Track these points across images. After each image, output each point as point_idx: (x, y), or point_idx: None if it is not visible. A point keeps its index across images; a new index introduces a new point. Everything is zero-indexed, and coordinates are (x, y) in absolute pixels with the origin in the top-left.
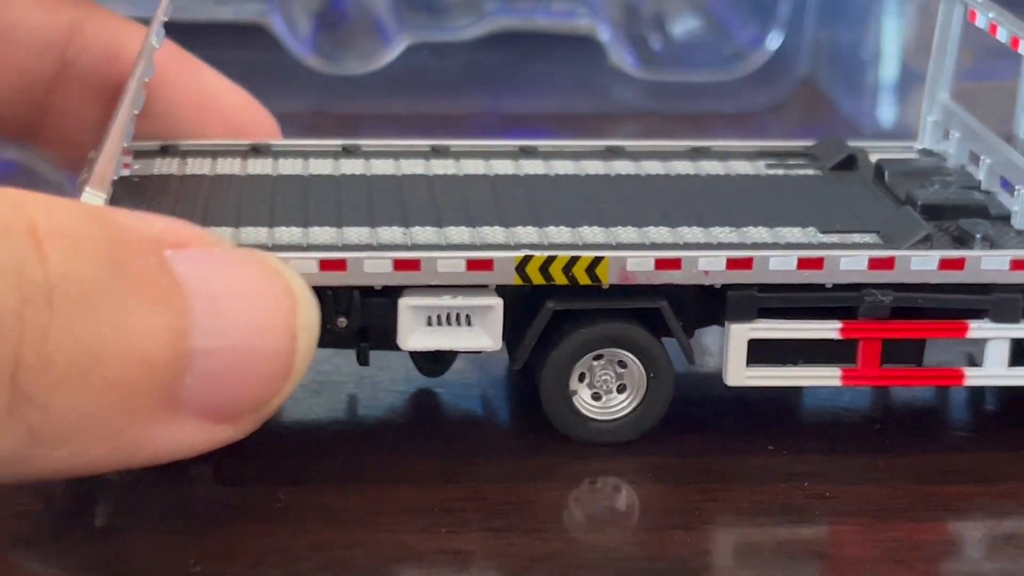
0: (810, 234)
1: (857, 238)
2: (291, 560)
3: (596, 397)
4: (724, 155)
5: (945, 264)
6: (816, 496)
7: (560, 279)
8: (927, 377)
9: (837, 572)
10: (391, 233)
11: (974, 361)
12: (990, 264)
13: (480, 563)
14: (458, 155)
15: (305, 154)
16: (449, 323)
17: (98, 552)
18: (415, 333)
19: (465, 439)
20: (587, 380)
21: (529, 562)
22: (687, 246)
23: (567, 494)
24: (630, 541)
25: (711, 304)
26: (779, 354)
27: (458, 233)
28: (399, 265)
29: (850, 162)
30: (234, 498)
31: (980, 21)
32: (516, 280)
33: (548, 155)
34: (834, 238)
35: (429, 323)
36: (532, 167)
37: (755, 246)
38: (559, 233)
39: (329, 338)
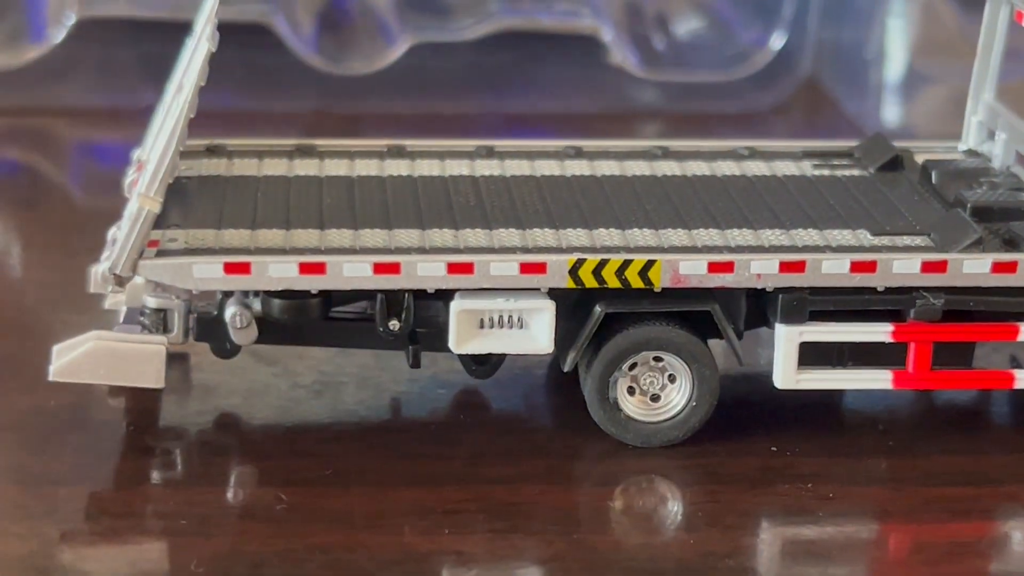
0: (861, 237)
1: (908, 241)
2: (293, 562)
3: (641, 397)
4: (769, 156)
5: (998, 267)
6: (819, 497)
7: (613, 282)
8: (978, 379)
9: (840, 572)
10: (441, 236)
11: (1019, 364)
12: None
13: (483, 565)
14: (503, 155)
15: (351, 154)
16: (501, 326)
17: (100, 553)
18: (468, 336)
19: (469, 441)
20: (634, 381)
21: (532, 564)
22: (738, 249)
23: (571, 496)
24: (633, 543)
25: (760, 306)
26: (829, 357)
27: (508, 236)
28: (452, 268)
29: (896, 163)
30: (236, 499)
31: None
32: (569, 283)
33: (593, 156)
34: (885, 241)
35: (481, 326)
36: (577, 168)
37: (806, 249)
38: (609, 235)
39: (379, 341)
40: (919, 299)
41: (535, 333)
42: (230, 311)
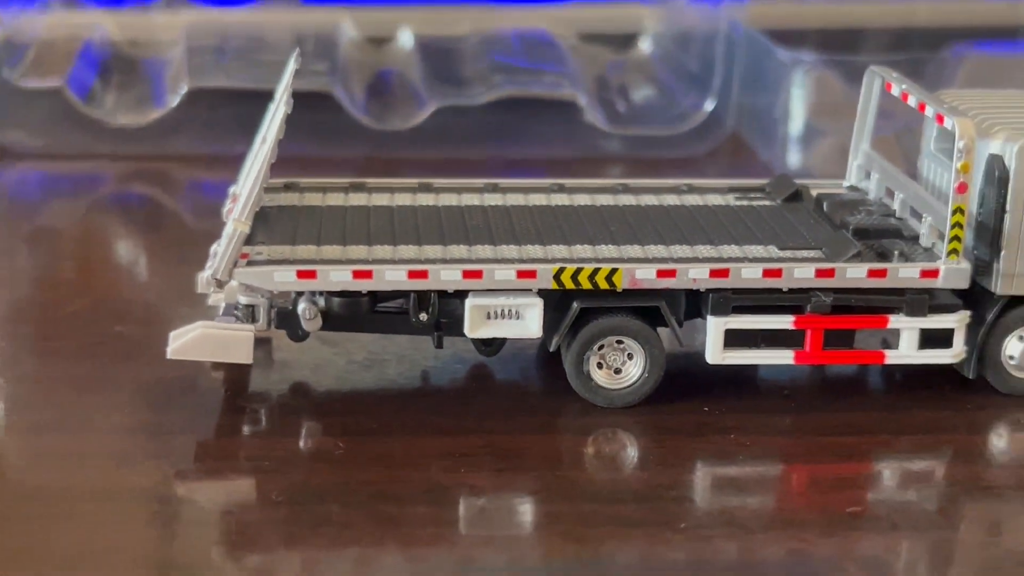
0: (770, 251)
1: (805, 254)
2: (348, 492)
3: (607, 371)
4: (702, 190)
5: (872, 273)
6: (739, 445)
7: (586, 285)
8: (858, 357)
9: (753, 500)
10: (458, 250)
11: (889, 345)
12: (905, 273)
13: (489, 494)
14: (505, 190)
15: (392, 189)
16: (503, 317)
17: (204, 486)
18: (478, 324)
19: (478, 402)
20: (601, 358)
21: (526, 494)
22: (679, 260)
23: (555, 443)
24: (601, 478)
25: (696, 303)
26: (747, 340)
27: (508, 250)
28: (467, 275)
29: (797, 195)
30: (305, 446)
31: (895, 91)
32: (553, 285)
33: (571, 190)
34: (788, 253)
35: (488, 317)
36: (559, 200)
37: (730, 259)
38: (583, 250)
39: (412, 328)
40: (814, 297)
41: (528, 323)
42: (301, 306)
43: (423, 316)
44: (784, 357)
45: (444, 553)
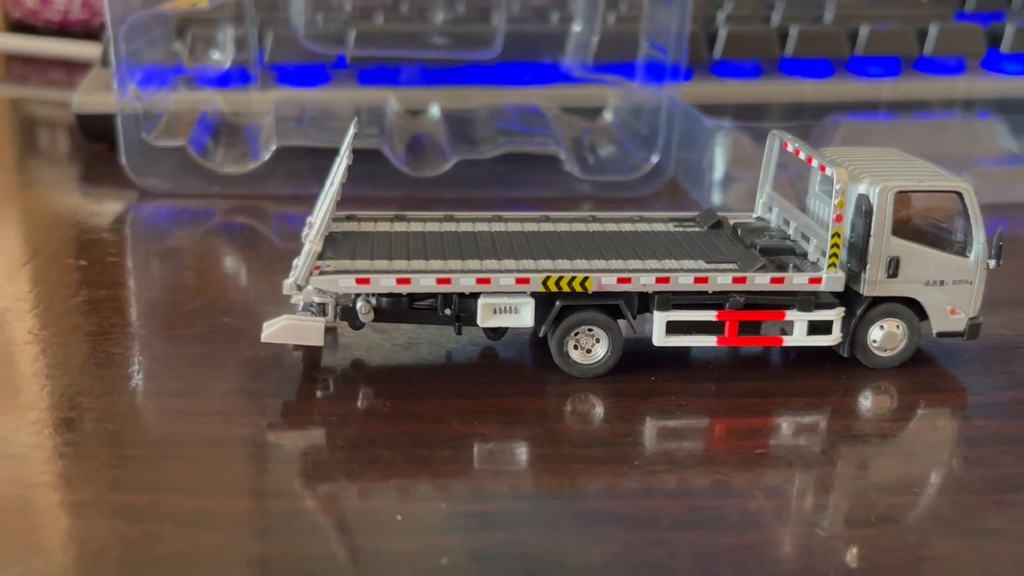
0: (700, 264)
1: (725, 266)
2: (393, 439)
3: (581, 351)
4: (650, 220)
5: (774, 280)
6: (678, 405)
7: (565, 288)
8: (763, 341)
9: (687, 444)
10: (473, 264)
11: (785, 332)
12: (797, 280)
13: (495, 440)
14: (506, 220)
15: (424, 220)
16: (506, 312)
17: (289, 435)
18: (487, 317)
19: (488, 374)
20: (577, 342)
21: (522, 440)
22: (633, 271)
23: (543, 404)
24: (577, 429)
25: (645, 302)
26: (683, 329)
27: (509, 263)
28: (479, 281)
29: (719, 224)
30: (361, 406)
31: (790, 148)
32: (542, 289)
33: (555, 220)
34: (712, 266)
35: (495, 312)
36: (546, 227)
37: (670, 270)
38: (563, 263)
39: (440, 320)
40: (731, 298)
41: (524, 316)
42: (359, 304)
43: (447, 311)
44: (709, 341)
45: (463, 483)
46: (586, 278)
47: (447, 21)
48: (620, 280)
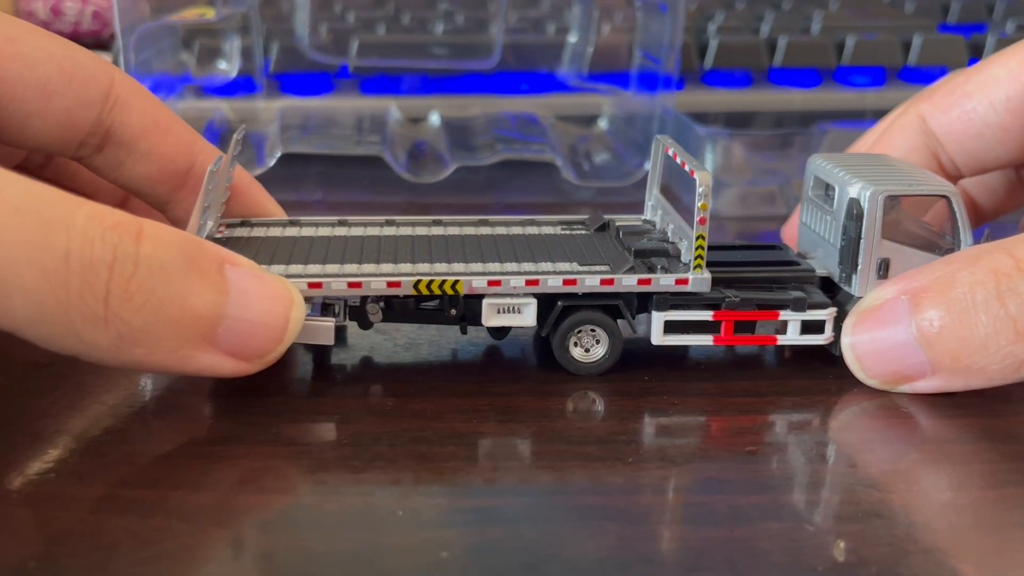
0: (573, 266)
1: (597, 268)
2: (395, 436)
3: (581, 349)
4: (540, 223)
5: (641, 281)
6: (671, 404)
7: (436, 291)
8: (757, 340)
9: (681, 441)
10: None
11: (779, 331)
12: (664, 281)
13: (494, 437)
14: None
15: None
16: (509, 312)
17: (297, 422)
18: (492, 317)
19: (489, 372)
20: (577, 341)
21: (521, 437)
22: (506, 273)
23: (542, 402)
24: (575, 426)
25: (644, 302)
26: (680, 328)
27: (387, 267)
28: (491, 283)
29: (605, 226)
30: (364, 402)
31: (670, 152)
32: (414, 292)
33: (447, 224)
34: (584, 268)
35: (499, 312)
36: (437, 231)
37: (542, 272)
38: (440, 267)
39: (446, 320)
40: (727, 297)
41: (526, 316)
42: (368, 306)
43: (453, 311)
44: (705, 340)
45: (462, 479)
46: (456, 281)
47: (447, 32)
48: (490, 283)
